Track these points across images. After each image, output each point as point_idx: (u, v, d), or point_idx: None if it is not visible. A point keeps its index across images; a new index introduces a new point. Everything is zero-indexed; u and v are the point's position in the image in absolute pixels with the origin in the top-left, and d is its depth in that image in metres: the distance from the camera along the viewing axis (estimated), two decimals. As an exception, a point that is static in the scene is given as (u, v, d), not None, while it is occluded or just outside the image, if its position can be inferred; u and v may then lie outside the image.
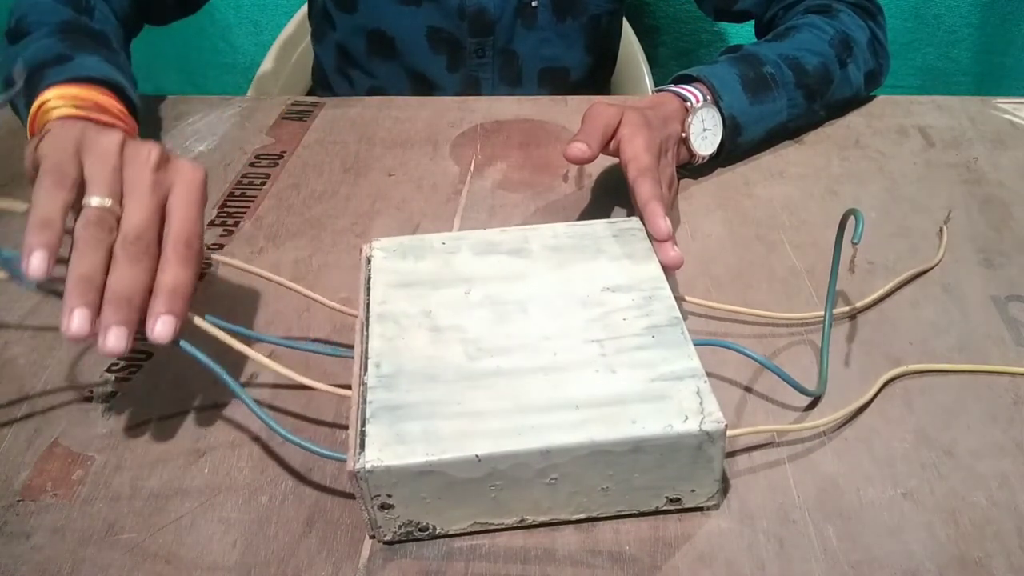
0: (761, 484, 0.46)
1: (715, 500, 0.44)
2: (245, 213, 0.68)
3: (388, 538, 0.43)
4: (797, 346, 0.55)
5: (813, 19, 0.77)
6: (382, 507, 0.41)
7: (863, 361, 0.53)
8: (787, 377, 0.49)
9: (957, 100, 0.82)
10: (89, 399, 0.52)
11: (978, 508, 0.45)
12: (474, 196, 0.70)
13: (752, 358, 0.49)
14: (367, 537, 0.44)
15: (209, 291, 0.61)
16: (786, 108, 0.72)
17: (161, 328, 0.43)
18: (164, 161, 0.46)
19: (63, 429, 0.50)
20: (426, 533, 0.43)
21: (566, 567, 0.42)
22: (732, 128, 0.69)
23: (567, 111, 0.81)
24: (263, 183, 0.72)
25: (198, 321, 0.46)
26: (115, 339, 0.41)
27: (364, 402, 0.42)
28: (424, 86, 0.92)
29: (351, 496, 0.46)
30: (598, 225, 0.55)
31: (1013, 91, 1.40)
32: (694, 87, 0.69)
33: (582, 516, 0.44)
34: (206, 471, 0.47)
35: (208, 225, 0.67)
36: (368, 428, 0.41)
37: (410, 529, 0.42)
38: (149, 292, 0.43)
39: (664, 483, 0.43)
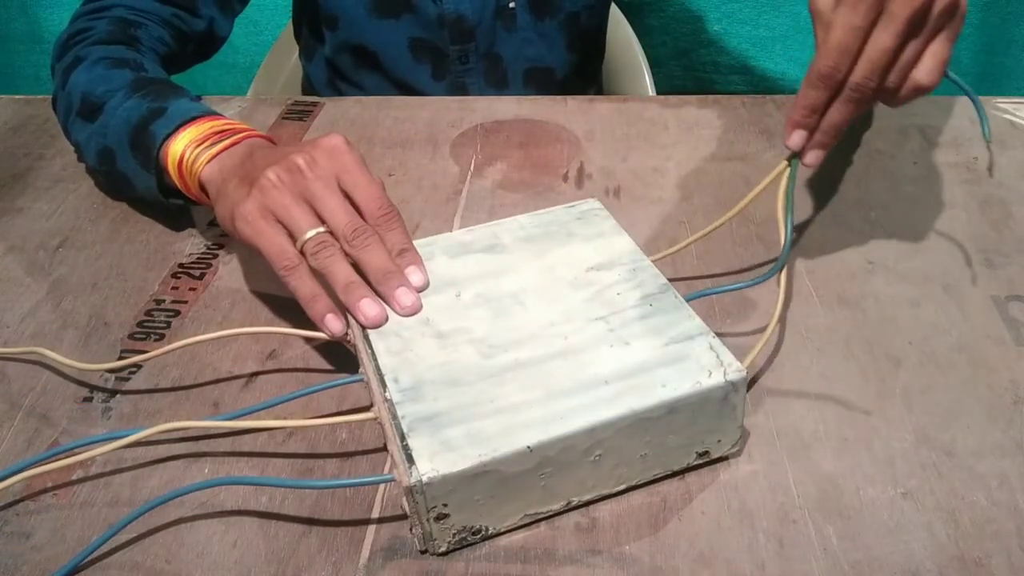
0: (761, 484, 0.46)
1: (738, 447, 0.46)
2: (245, 213, 0.68)
3: (443, 549, 0.43)
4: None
5: None
6: (438, 518, 0.41)
7: (863, 360, 0.53)
8: (744, 284, 0.53)
9: (957, 100, 0.82)
10: (89, 399, 0.52)
11: (978, 508, 0.45)
12: (474, 196, 0.70)
13: (721, 291, 0.54)
14: (369, 538, 0.44)
15: (205, 307, 0.61)
16: None
17: (414, 278, 0.50)
18: (311, 161, 0.51)
19: (63, 429, 0.50)
20: (479, 536, 0.43)
21: (566, 567, 0.42)
22: None
23: (567, 111, 0.81)
24: (263, 183, 0.72)
25: (184, 423, 0.46)
26: (405, 296, 0.48)
27: (395, 418, 0.42)
28: (411, 95, 0.92)
29: (351, 496, 0.46)
30: (559, 211, 0.56)
31: (1013, 91, 1.40)
32: None
33: (622, 487, 0.45)
34: (206, 471, 0.47)
35: (208, 225, 0.67)
36: (411, 442, 0.41)
37: (464, 535, 0.42)
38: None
39: (694, 438, 0.45)
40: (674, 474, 0.46)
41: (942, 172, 0.72)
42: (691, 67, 1.45)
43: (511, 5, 0.88)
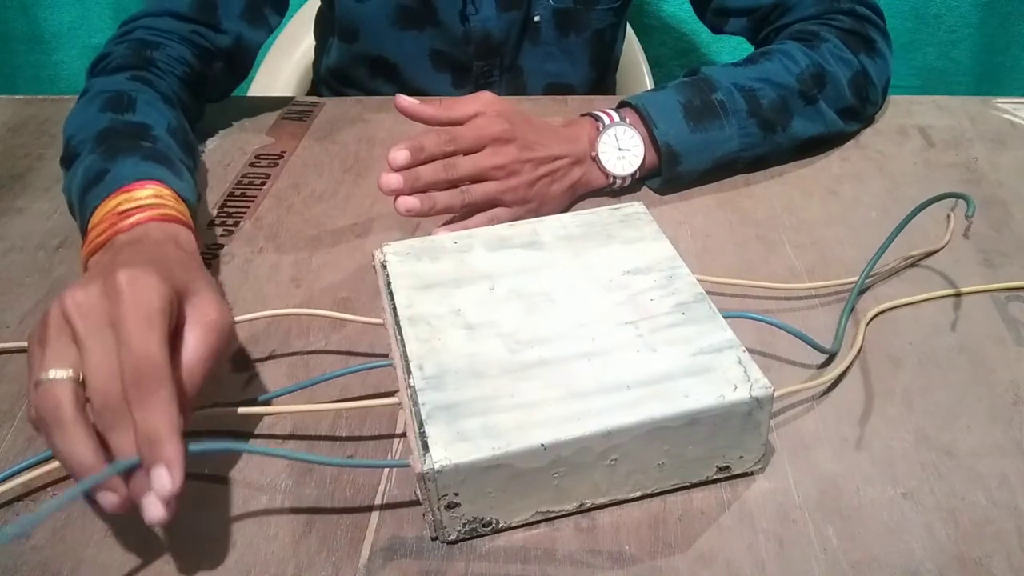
0: (761, 484, 0.46)
1: (761, 464, 0.46)
2: (245, 213, 0.68)
3: (452, 538, 0.43)
4: (789, 316, 0.55)
5: (790, 47, 0.72)
6: (449, 506, 0.41)
7: (864, 360, 0.53)
8: (808, 339, 0.51)
9: (957, 100, 0.82)
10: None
11: (978, 508, 0.45)
12: (474, 196, 0.70)
13: (776, 325, 0.51)
14: (369, 538, 0.44)
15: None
16: (737, 137, 0.68)
17: (159, 483, 0.38)
18: (85, 300, 0.41)
19: (63, 429, 0.50)
20: (489, 528, 0.43)
21: (566, 567, 0.42)
22: (669, 156, 0.67)
23: (567, 111, 0.81)
24: (263, 183, 0.72)
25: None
26: (149, 509, 0.38)
27: (416, 404, 0.42)
28: None
29: (351, 496, 0.46)
30: (603, 212, 0.56)
31: (1013, 91, 1.40)
32: (619, 111, 0.68)
33: (638, 494, 0.45)
34: (206, 471, 0.47)
35: (208, 225, 0.67)
36: (428, 429, 0.41)
37: (474, 526, 0.43)
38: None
39: (715, 452, 0.44)
40: (693, 486, 0.46)
41: (942, 172, 0.72)
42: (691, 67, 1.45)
43: (536, 19, 0.88)
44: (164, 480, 0.38)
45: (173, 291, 0.42)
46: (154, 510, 0.38)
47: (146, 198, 0.53)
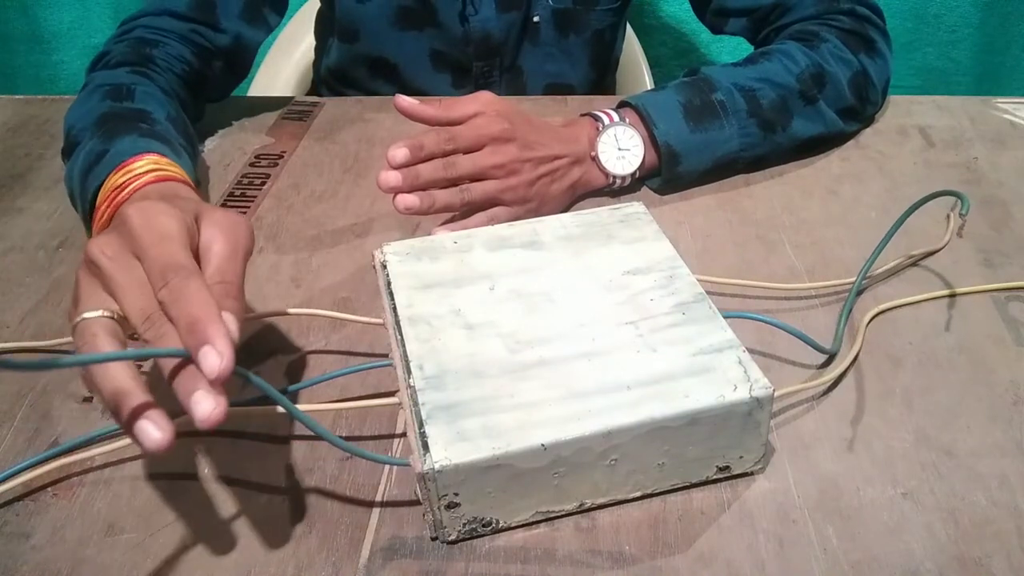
0: (761, 484, 0.46)
1: (761, 464, 0.46)
2: (245, 213, 0.68)
3: (452, 538, 0.43)
4: (789, 316, 0.55)
5: (790, 47, 0.72)
6: (449, 506, 0.41)
7: (865, 360, 0.53)
8: (808, 339, 0.51)
9: (957, 100, 0.82)
10: (89, 399, 0.52)
11: (978, 508, 0.45)
12: (474, 196, 0.70)
13: (776, 325, 0.52)
14: (369, 538, 0.44)
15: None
16: (737, 137, 0.68)
17: (208, 361, 0.36)
18: (106, 242, 0.41)
19: (63, 429, 0.50)
20: (489, 528, 0.43)
21: (566, 567, 0.42)
22: (669, 156, 0.67)
23: (567, 111, 0.81)
24: (263, 183, 0.72)
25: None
26: (199, 405, 0.36)
27: (416, 404, 0.42)
28: None
29: (351, 496, 0.46)
30: (603, 212, 0.56)
31: (1013, 91, 1.40)
32: (619, 111, 0.68)
33: (638, 494, 0.45)
34: (206, 471, 0.47)
35: (208, 225, 0.67)
36: (428, 429, 0.41)
37: (474, 526, 0.43)
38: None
39: (715, 452, 0.44)
40: (693, 486, 0.46)
41: (942, 172, 0.72)
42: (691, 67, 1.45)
43: (535, 19, 0.88)
44: (213, 358, 0.36)
45: (185, 214, 0.42)
46: (204, 404, 0.35)
47: (142, 166, 0.53)
